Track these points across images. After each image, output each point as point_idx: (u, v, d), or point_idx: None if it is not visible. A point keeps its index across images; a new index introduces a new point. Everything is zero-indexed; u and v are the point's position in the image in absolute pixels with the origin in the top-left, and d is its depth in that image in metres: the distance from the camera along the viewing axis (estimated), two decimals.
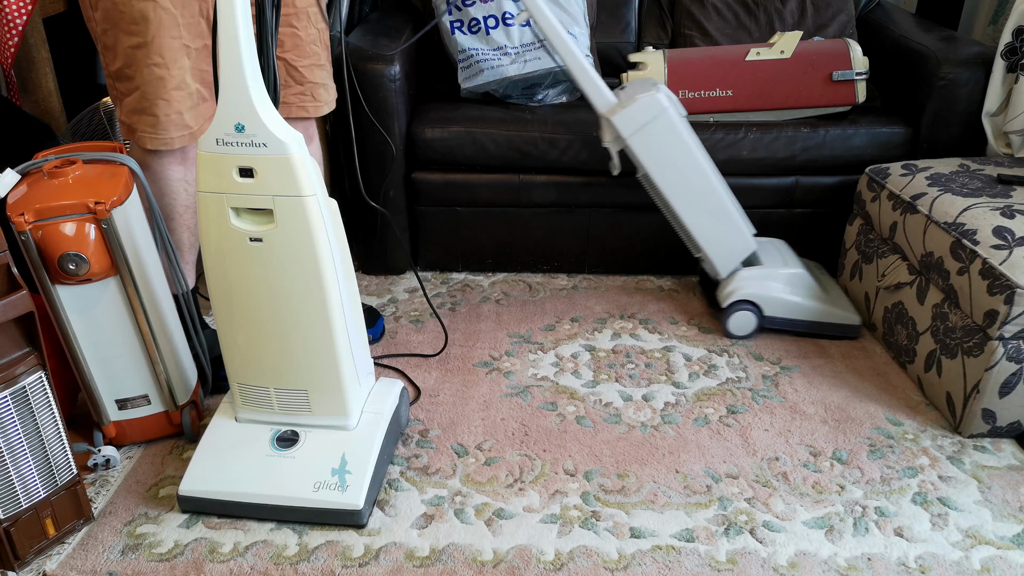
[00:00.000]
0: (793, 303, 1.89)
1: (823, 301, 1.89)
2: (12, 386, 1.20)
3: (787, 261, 1.94)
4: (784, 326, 1.91)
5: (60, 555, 1.31)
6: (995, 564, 1.29)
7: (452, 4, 2.22)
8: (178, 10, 1.43)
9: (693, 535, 1.35)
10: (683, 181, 1.83)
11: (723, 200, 1.86)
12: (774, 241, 2.04)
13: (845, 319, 1.89)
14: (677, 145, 1.79)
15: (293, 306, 1.30)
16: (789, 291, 1.89)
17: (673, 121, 1.78)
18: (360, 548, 1.32)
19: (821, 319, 1.89)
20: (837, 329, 1.90)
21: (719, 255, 1.92)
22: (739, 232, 1.89)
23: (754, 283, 1.89)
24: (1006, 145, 1.98)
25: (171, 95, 1.47)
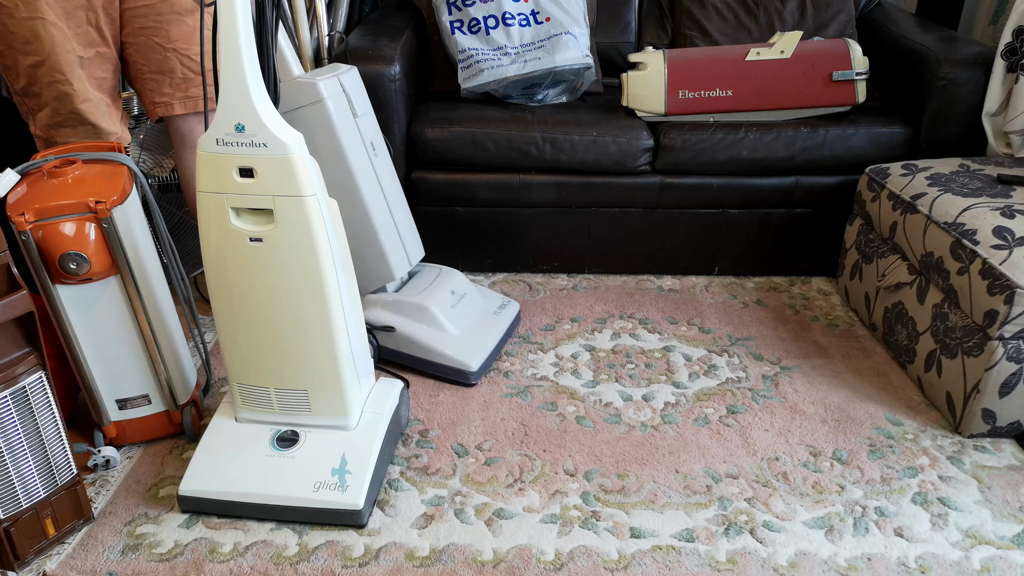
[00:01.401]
0: (406, 337, 1.74)
1: (441, 341, 1.72)
2: (12, 386, 1.20)
3: (426, 292, 1.79)
4: (400, 360, 1.77)
5: (60, 555, 1.31)
6: (995, 564, 1.29)
7: (452, 4, 2.22)
8: (63, 22, 1.44)
9: (693, 535, 1.35)
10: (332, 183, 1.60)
11: (369, 218, 1.69)
12: (446, 271, 1.89)
13: (456, 362, 1.71)
14: (329, 142, 1.62)
15: (293, 306, 1.30)
16: (405, 323, 1.74)
17: (328, 114, 1.60)
18: (360, 548, 1.32)
19: (434, 359, 1.73)
20: (448, 371, 1.73)
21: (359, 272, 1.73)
22: (382, 257, 1.74)
23: (373, 310, 1.76)
24: (1006, 145, 1.98)
25: (82, 109, 1.51)
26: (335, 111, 1.62)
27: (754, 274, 2.24)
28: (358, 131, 1.67)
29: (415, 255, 1.85)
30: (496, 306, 1.91)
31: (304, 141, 1.21)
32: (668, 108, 2.09)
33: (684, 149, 2.05)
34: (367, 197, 1.69)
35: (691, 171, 2.09)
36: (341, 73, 1.66)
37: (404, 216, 1.82)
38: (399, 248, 1.78)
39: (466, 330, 1.78)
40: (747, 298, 2.13)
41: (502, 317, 1.88)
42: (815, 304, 2.10)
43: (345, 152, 1.64)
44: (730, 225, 2.16)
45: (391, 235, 1.76)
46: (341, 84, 1.64)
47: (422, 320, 1.75)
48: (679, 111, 2.09)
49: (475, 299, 1.87)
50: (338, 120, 1.62)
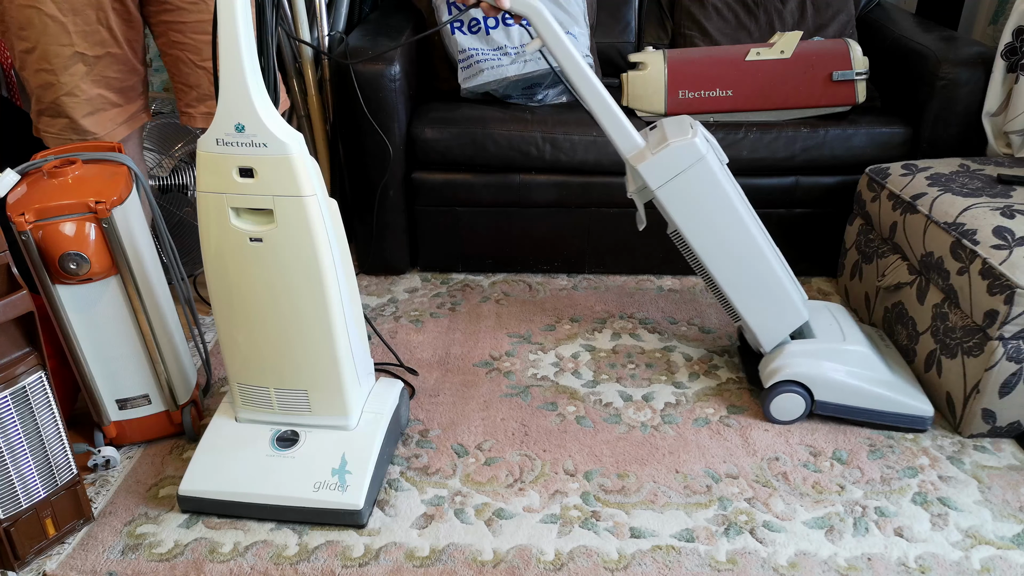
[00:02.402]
0: (852, 387, 1.57)
1: (888, 386, 1.58)
2: (12, 386, 1.20)
3: (846, 334, 1.63)
4: (840, 413, 1.59)
5: (60, 555, 1.31)
6: (995, 564, 1.29)
7: (452, 4, 2.22)
8: (68, 18, 1.45)
9: (693, 535, 1.35)
10: (722, 241, 1.57)
11: (770, 264, 1.58)
12: (830, 306, 1.75)
13: (913, 408, 1.57)
14: (716, 199, 1.53)
15: (293, 306, 1.30)
16: (847, 372, 1.58)
17: (712, 171, 1.51)
18: (360, 548, 1.32)
19: (885, 408, 1.57)
20: (904, 420, 1.58)
21: (763, 326, 1.64)
22: (788, 300, 1.61)
23: (804, 361, 1.59)
24: (1006, 145, 1.98)
25: (62, 101, 1.51)
26: (715, 164, 1.52)
27: None
28: (732, 180, 1.58)
29: (804, 293, 1.70)
30: (878, 337, 1.76)
31: (304, 141, 1.21)
32: (668, 108, 2.09)
33: None
34: (760, 242, 1.57)
35: None
36: (695, 124, 1.56)
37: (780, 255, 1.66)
38: (794, 287, 1.64)
39: (894, 371, 1.63)
40: None
41: (893, 349, 1.74)
42: None
43: (734, 204, 1.54)
44: None
45: (786, 274, 1.63)
46: (705, 136, 1.55)
47: (864, 367, 1.58)
48: (679, 111, 2.09)
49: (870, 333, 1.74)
50: (719, 173, 1.53)
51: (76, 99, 1.51)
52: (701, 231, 1.56)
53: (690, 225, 1.56)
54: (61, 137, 1.55)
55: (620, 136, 1.56)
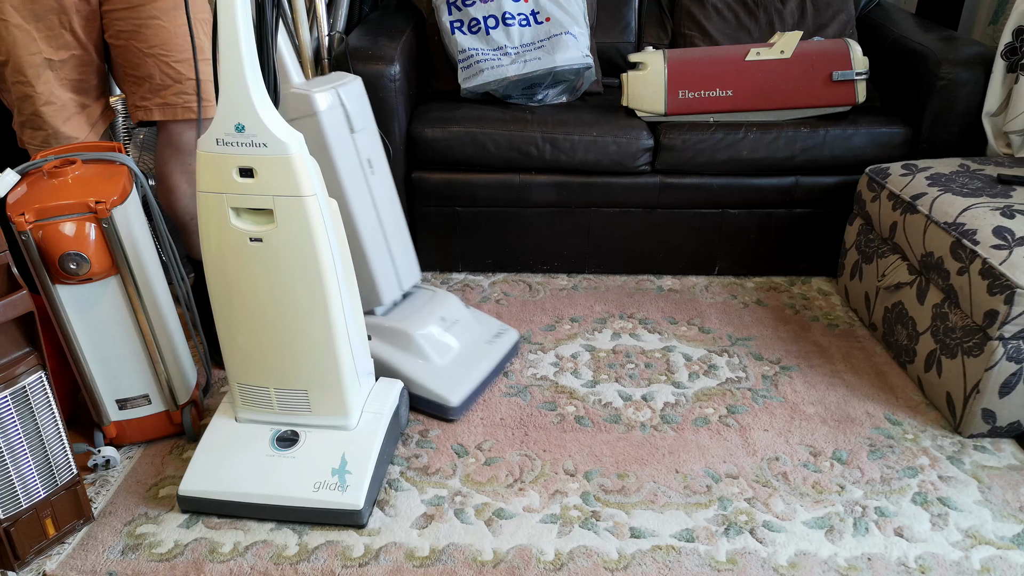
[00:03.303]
0: (386, 364, 1.64)
1: (420, 370, 1.63)
2: (12, 386, 1.20)
3: (414, 317, 1.70)
4: None
5: (60, 555, 1.31)
6: (995, 564, 1.29)
7: (452, 4, 2.22)
8: (31, 24, 1.44)
9: (693, 535, 1.35)
10: None
11: (359, 239, 1.61)
12: (442, 295, 1.80)
13: (433, 395, 1.61)
14: (322, 160, 1.49)
15: (293, 306, 1.30)
16: (386, 350, 1.65)
17: (321, 130, 1.50)
18: (360, 548, 1.32)
19: (415, 392, 1.63)
20: (427, 405, 1.63)
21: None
22: (369, 279, 1.65)
23: None
24: (1006, 145, 1.98)
25: (43, 112, 1.52)
26: (330, 126, 1.52)
27: (754, 274, 2.24)
28: (355, 148, 1.58)
29: (408, 279, 1.76)
30: (491, 334, 1.80)
31: (304, 141, 1.21)
32: (668, 108, 2.09)
33: (684, 149, 2.05)
34: (358, 217, 1.60)
35: (691, 171, 2.09)
36: (341, 84, 1.56)
37: (399, 238, 1.73)
38: (390, 271, 1.70)
39: (453, 361, 1.68)
40: (747, 298, 2.13)
41: (496, 346, 1.77)
42: (815, 304, 2.10)
43: (338, 169, 1.55)
44: (730, 225, 2.16)
45: (382, 257, 1.67)
46: (340, 97, 1.55)
47: (405, 348, 1.65)
48: (679, 111, 2.09)
49: (468, 326, 1.77)
50: (332, 135, 1.53)
51: (53, 107, 1.51)
52: None
53: None
54: (45, 148, 1.55)
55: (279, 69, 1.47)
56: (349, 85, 1.58)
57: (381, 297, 1.69)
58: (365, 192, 1.61)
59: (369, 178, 1.63)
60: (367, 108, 1.64)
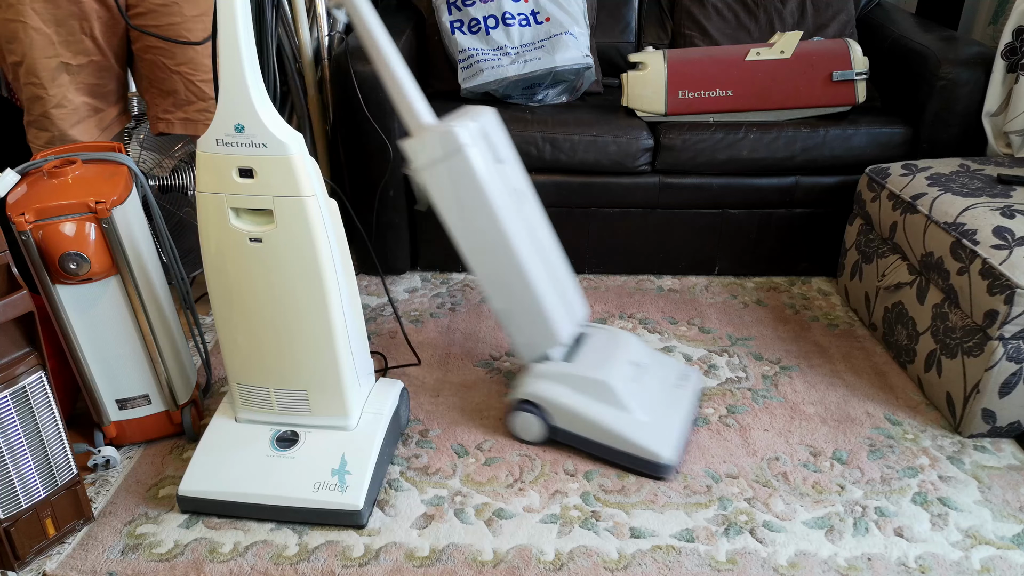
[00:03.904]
0: (584, 418, 1.48)
1: (626, 425, 1.47)
2: (12, 386, 1.20)
3: (604, 364, 1.52)
4: (572, 443, 1.52)
5: (60, 555, 1.31)
6: (995, 564, 1.29)
7: (452, 4, 2.22)
8: (51, 28, 1.45)
9: (693, 535, 1.35)
10: (478, 243, 1.47)
11: (528, 281, 1.47)
12: (619, 334, 1.63)
13: (647, 453, 1.45)
14: (473, 197, 1.43)
15: (293, 306, 1.30)
16: (582, 402, 1.48)
17: (470, 166, 1.40)
18: (360, 548, 1.32)
19: (617, 446, 1.47)
20: (638, 463, 1.47)
21: (516, 337, 1.55)
22: (543, 322, 1.51)
23: (541, 383, 1.51)
24: (1006, 145, 1.98)
25: (52, 114, 1.53)
26: (477, 159, 1.41)
27: (754, 274, 2.24)
28: (504, 179, 1.47)
29: (580, 313, 1.61)
30: (677, 376, 1.64)
31: (304, 141, 1.21)
32: (668, 108, 2.09)
33: (684, 149, 2.05)
34: (520, 253, 1.46)
35: (691, 171, 2.09)
36: (478, 116, 1.47)
37: (562, 269, 1.58)
38: (560, 307, 1.54)
39: (652, 410, 1.50)
40: (747, 298, 2.13)
41: (686, 390, 1.60)
42: (815, 304, 2.10)
43: (492, 205, 1.42)
44: (730, 225, 2.16)
45: (551, 293, 1.51)
46: (482, 128, 1.45)
47: (603, 399, 1.48)
48: (679, 111, 2.09)
49: (655, 370, 1.61)
50: (482, 169, 1.41)
51: (63, 110, 1.52)
52: (460, 226, 1.47)
53: (449, 216, 1.47)
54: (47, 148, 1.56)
55: (404, 109, 1.45)
56: (486, 116, 1.49)
57: (558, 336, 1.52)
58: (521, 224, 1.49)
59: (523, 209, 1.51)
60: (507, 138, 1.53)
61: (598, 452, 1.50)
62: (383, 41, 1.42)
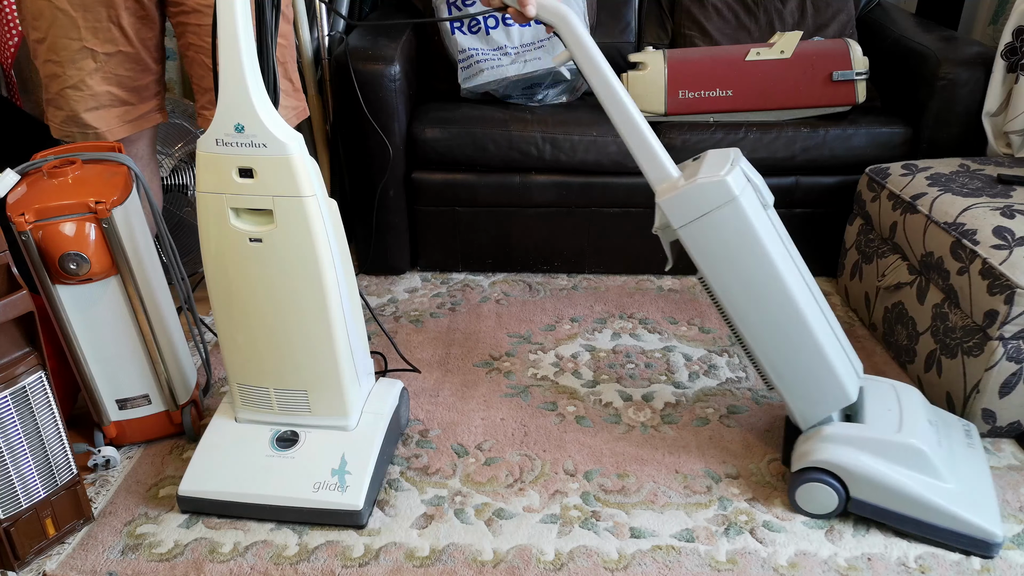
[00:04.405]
0: (896, 490, 1.30)
1: (946, 496, 1.29)
2: (12, 386, 1.20)
3: (904, 423, 1.34)
4: (880, 518, 1.34)
5: (60, 555, 1.31)
6: (995, 564, 1.29)
7: (452, 4, 2.22)
8: (78, 13, 1.45)
9: (693, 535, 1.35)
10: (753, 299, 1.33)
11: (811, 332, 1.33)
12: (899, 387, 1.45)
13: (975, 530, 1.27)
14: (748, 249, 1.29)
15: (293, 306, 1.30)
16: (892, 470, 1.30)
17: (744, 215, 1.28)
18: (360, 548, 1.32)
19: (938, 522, 1.29)
20: (964, 541, 1.29)
21: (798, 400, 1.38)
22: (831, 377, 1.35)
23: (839, 449, 1.33)
24: (1006, 145, 1.98)
25: (67, 94, 1.52)
26: (749, 208, 1.29)
27: None
28: (773, 226, 1.34)
29: (859, 366, 1.44)
30: (962, 431, 1.46)
31: (303, 141, 1.21)
32: (668, 108, 2.09)
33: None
34: (802, 305, 1.32)
35: None
36: (736, 160, 1.34)
37: (833, 317, 1.41)
38: (846, 361, 1.38)
39: (961, 477, 1.33)
40: None
41: (976, 447, 1.43)
42: None
43: (771, 257, 1.29)
44: None
45: (836, 346, 1.36)
46: (745, 173, 1.33)
47: (915, 467, 1.30)
48: (679, 111, 2.09)
49: (946, 429, 1.43)
50: (754, 218, 1.29)
51: (80, 93, 1.51)
52: (729, 283, 1.33)
53: (717, 274, 1.34)
54: (63, 129, 1.55)
55: (649, 164, 1.34)
56: (741, 158, 1.36)
57: (848, 393, 1.37)
58: (797, 273, 1.35)
59: (794, 255, 1.38)
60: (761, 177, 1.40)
61: (913, 528, 1.32)
62: (622, 95, 1.31)
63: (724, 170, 1.28)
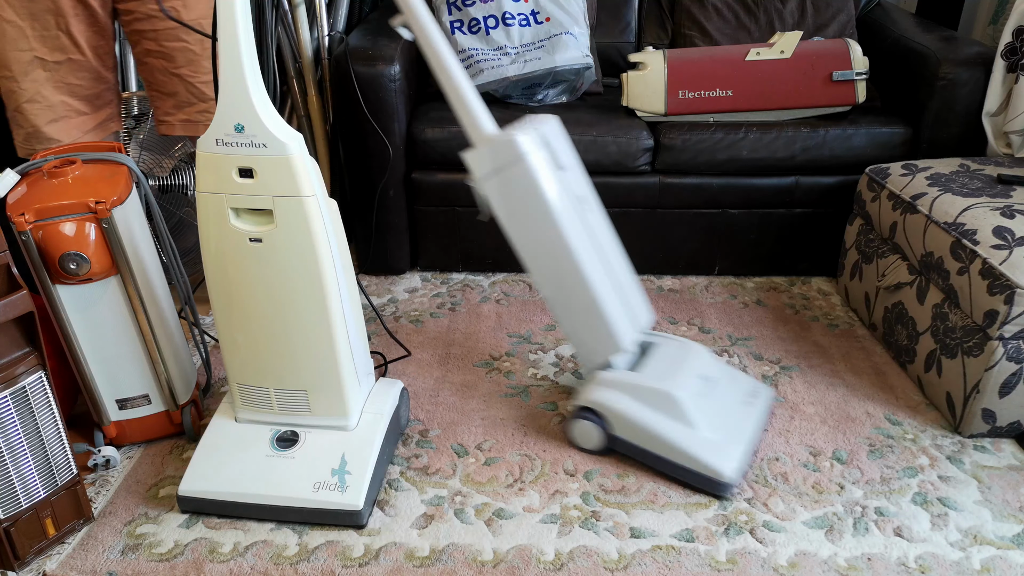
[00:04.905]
0: (646, 430, 1.45)
1: (689, 440, 1.43)
2: (12, 386, 1.20)
3: (673, 376, 1.49)
4: (633, 454, 1.49)
5: (60, 555, 1.31)
6: (995, 564, 1.29)
7: (452, 4, 2.22)
8: (26, 22, 1.44)
9: (693, 535, 1.35)
10: (539, 251, 1.47)
11: (590, 288, 1.46)
12: (690, 346, 1.60)
13: (707, 470, 1.41)
14: (535, 206, 1.42)
15: (293, 306, 1.30)
16: (646, 413, 1.46)
17: (532, 175, 1.40)
18: (360, 548, 1.32)
19: (677, 461, 1.44)
20: (697, 479, 1.43)
21: (580, 346, 1.55)
22: (605, 329, 1.49)
23: (604, 391, 1.49)
24: (1006, 145, 1.98)
25: (25, 108, 1.52)
26: (539, 168, 1.41)
27: (754, 274, 2.24)
28: (566, 186, 1.47)
29: (643, 321, 1.60)
30: (747, 392, 1.60)
31: (303, 141, 1.21)
32: (668, 108, 2.09)
33: (684, 149, 2.05)
34: (581, 259, 1.45)
35: (691, 171, 2.09)
36: (540, 124, 1.48)
37: (626, 276, 1.57)
38: (623, 314, 1.52)
39: (719, 427, 1.47)
40: (747, 298, 2.13)
41: (756, 408, 1.57)
42: (815, 304, 2.10)
43: (553, 212, 1.42)
44: (730, 225, 2.16)
45: (612, 299, 1.50)
46: (543, 136, 1.46)
47: (668, 412, 1.45)
48: (679, 111, 2.09)
49: (726, 386, 1.58)
50: (543, 178, 1.42)
51: (38, 105, 1.51)
52: (521, 235, 1.47)
53: (511, 226, 1.47)
54: (26, 147, 1.54)
55: (468, 120, 1.45)
56: (548, 124, 1.50)
57: (620, 343, 1.50)
58: (583, 230, 1.48)
59: (586, 215, 1.51)
60: (569, 145, 1.54)
61: (658, 466, 1.46)
62: (446, 55, 1.41)
63: (523, 131, 1.42)
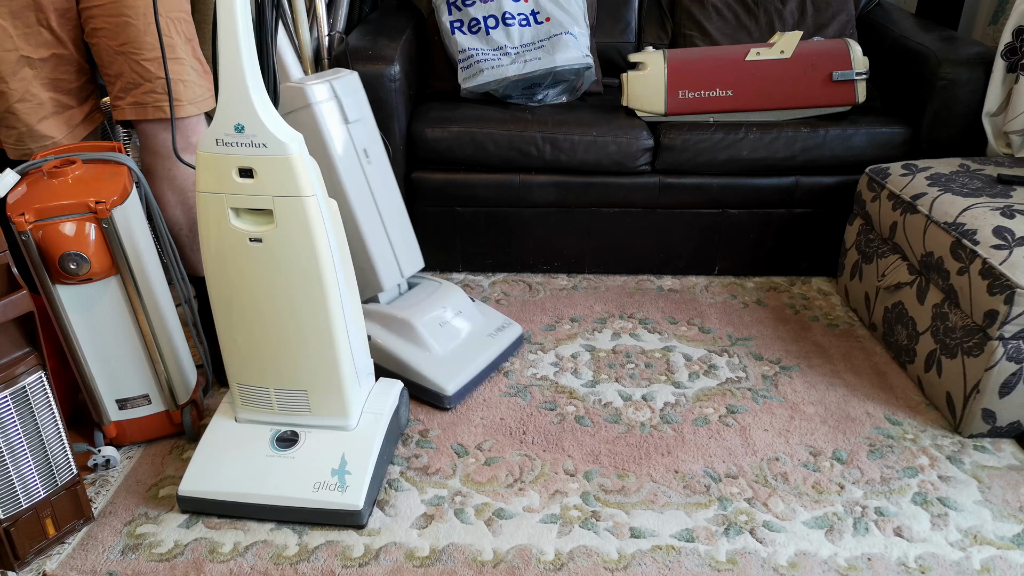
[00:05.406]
0: (387, 352, 1.69)
1: (420, 360, 1.67)
2: (12, 386, 1.20)
3: (418, 308, 1.74)
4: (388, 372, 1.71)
5: (60, 555, 1.31)
6: (995, 564, 1.29)
7: (452, 4, 2.22)
8: (7, 21, 1.43)
9: (693, 535, 1.35)
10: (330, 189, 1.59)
11: (357, 226, 1.68)
12: (448, 287, 1.83)
13: (431, 384, 1.65)
14: (320, 149, 1.61)
15: (293, 306, 1.30)
16: (388, 338, 1.70)
17: (317, 122, 1.60)
18: (360, 548, 1.32)
19: (413, 379, 1.67)
20: (424, 393, 1.67)
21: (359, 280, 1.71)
22: (370, 265, 1.72)
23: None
24: (1006, 145, 1.98)
25: (16, 108, 1.49)
26: (324, 117, 1.61)
27: (754, 274, 2.24)
28: (349, 138, 1.66)
29: (409, 267, 1.81)
30: (494, 327, 1.83)
31: (304, 141, 1.21)
32: (668, 108, 2.09)
33: (684, 149, 2.05)
34: (355, 204, 1.67)
35: (691, 171, 2.09)
36: (335, 78, 1.65)
37: (399, 226, 1.79)
38: (390, 258, 1.75)
39: (453, 351, 1.72)
40: (747, 298, 2.13)
41: (497, 340, 1.81)
42: (815, 304, 2.10)
43: (333, 158, 1.63)
44: (730, 225, 2.16)
45: (381, 244, 1.73)
46: (333, 89, 1.63)
47: (406, 336, 1.70)
48: (679, 111, 2.09)
49: (470, 318, 1.81)
50: (327, 126, 1.62)
51: (28, 104, 1.49)
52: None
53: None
54: (19, 148, 1.52)
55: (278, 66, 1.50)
56: (344, 78, 1.66)
57: (382, 282, 1.74)
58: (362, 180, 1.68)
59: (365, 167, 1.69)
60: (362, 101, 1.71)
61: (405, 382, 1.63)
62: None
63: (314, 81, 1.61)
